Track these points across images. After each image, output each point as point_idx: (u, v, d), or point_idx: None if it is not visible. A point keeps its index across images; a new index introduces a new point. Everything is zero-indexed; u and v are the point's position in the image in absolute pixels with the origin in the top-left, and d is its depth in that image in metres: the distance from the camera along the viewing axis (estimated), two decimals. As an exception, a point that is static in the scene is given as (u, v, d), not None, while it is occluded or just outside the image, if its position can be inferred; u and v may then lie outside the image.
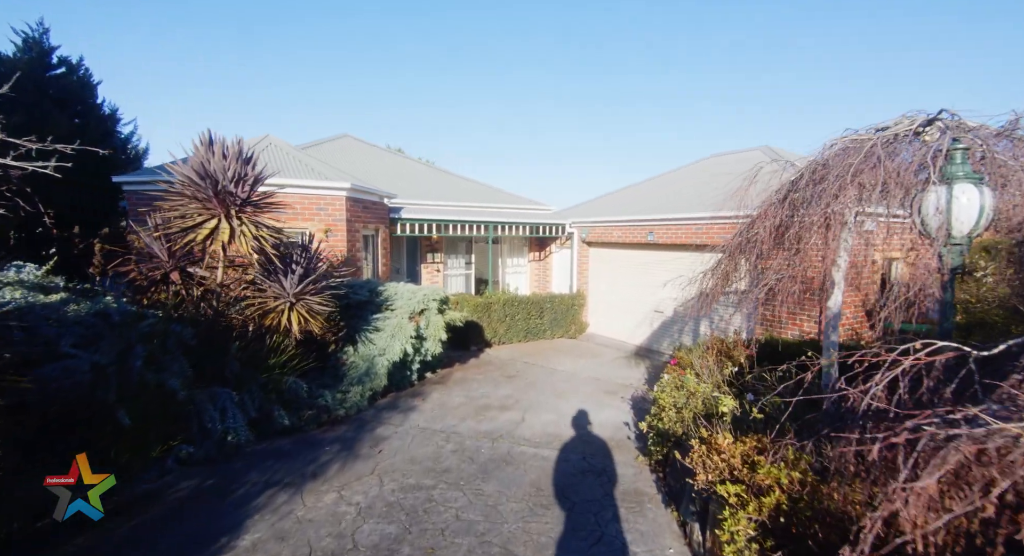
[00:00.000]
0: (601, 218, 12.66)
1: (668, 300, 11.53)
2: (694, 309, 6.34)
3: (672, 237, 11.04)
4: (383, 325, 7.54)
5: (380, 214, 10.90)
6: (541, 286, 15.25)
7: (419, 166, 15.77)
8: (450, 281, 14.04)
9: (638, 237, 11.84)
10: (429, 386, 8.19)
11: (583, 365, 10.19)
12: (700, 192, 12.07)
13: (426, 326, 8.05)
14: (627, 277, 12.48)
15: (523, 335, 12.12)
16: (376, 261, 11.01)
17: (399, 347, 7.34)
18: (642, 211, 12.01)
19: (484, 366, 9.80)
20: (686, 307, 11.82)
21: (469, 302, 11.22)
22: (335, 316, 7.88)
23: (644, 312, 12.06)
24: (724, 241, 10.02)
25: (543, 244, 15.21)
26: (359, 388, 6.85)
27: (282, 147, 10.29)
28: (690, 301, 11.46)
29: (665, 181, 14.30)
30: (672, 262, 11.46)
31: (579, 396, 7.98)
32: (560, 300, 12.64)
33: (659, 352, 11.46)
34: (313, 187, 9.23)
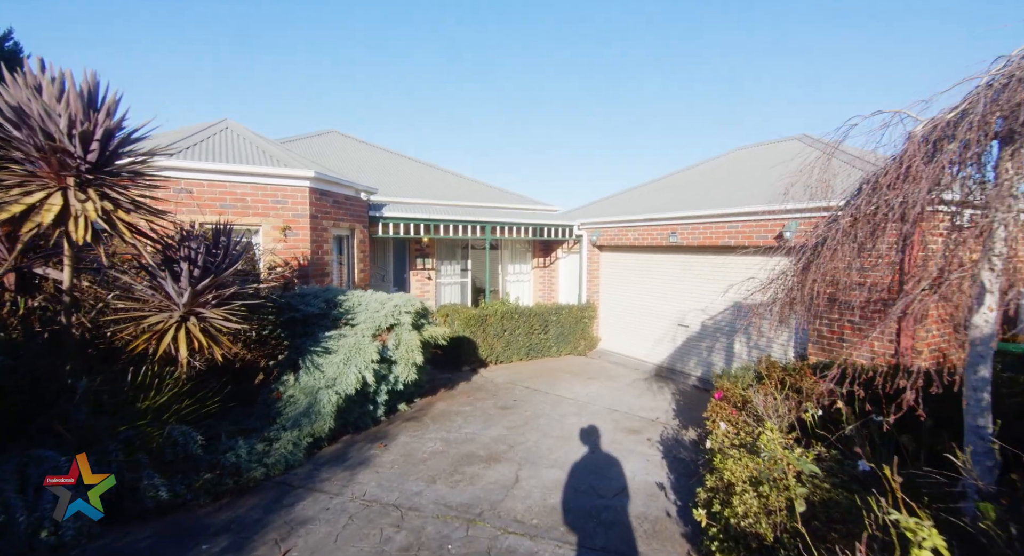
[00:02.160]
0: (614, 218, 10.61)
1: (694, 312, 9.43)
2: (772, 319, 4.28)
3: (700, 238, 8.96)
4: (336, 346, 5.52)
5: (357, 211, 8.94)
6: (546, 296, 13.19)
7: (411, 163, 13.83)
8: (443, 290, 12.02)
9: (658, 239, 9.78)
10: (399, 425, 6.11)
11: (596, 391, 8.09)
12: (731, 187, 10.00)
13: (396, 346, 6.01)
14: (644, 285, 10.40)
15: (524, 353, 10.04)
16: (351, 266, 9.03)
17: (354, 375, 5.31)
18: (662, 209, 9.94)
19: (475, 393, 7.72)
20: (717, 320, 9.71)
21: (460, 314, 9.18)
22: (276, 334, 5.87)
23: (665, 326, 9.95)
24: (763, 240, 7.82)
25: (548, 249, 13.18)
26: (292, 434, 4.81)
27: (239, 132, 8.41)
28: (723, 312, 9.35)
29: (687, 178, 12.23)
30: (700, 267, 9.37)
31: (593, 437, 5.88)
32: (567, 312, 10.57)
33: (684, 373, 9.32)
34: (267, 175, 7.29)
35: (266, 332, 5.75)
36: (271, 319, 5.82)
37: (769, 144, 11.82)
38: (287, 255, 7.56)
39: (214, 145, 7.66)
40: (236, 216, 7.16)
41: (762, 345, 8.33)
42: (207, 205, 7.00)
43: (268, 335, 5.68)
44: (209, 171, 6.92)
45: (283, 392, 5.21)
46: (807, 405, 4.31)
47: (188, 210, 6.88)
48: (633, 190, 12.82)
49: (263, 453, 4.48)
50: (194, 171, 6.85)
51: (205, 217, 6.98)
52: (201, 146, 7.50)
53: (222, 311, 4.01)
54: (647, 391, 8.28)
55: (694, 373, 9.21)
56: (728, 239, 8.51)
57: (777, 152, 11.19)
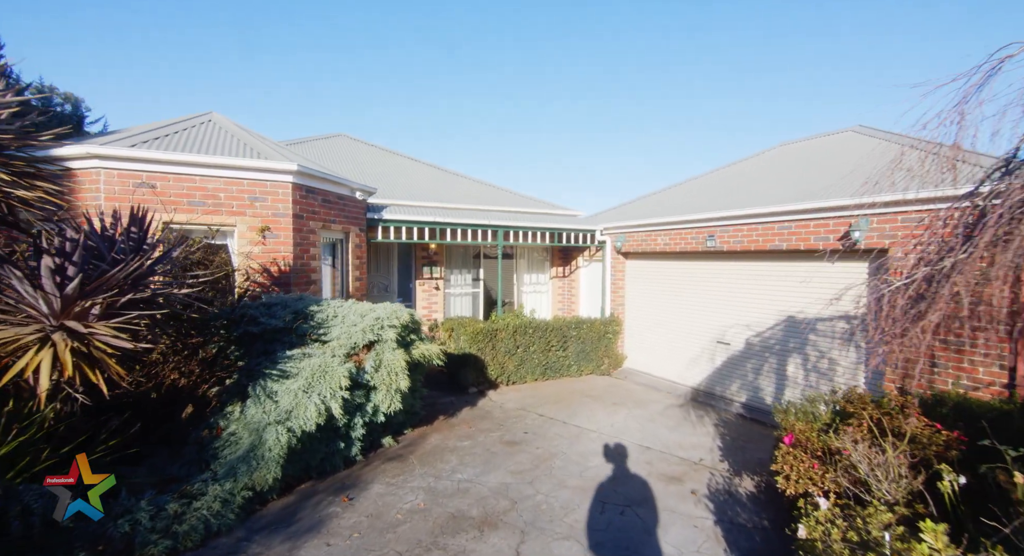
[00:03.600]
0: (642, 221, 9.23)
1: (736, 327, 7.94)
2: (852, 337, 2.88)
3: (743, 241, 7.52)
4: (296, 368, 4.30)
5: (352, 213, 7.82)
6: (566, 308, 11.83)
7: (419, 166, 12.69)
8: (453, 301, 10.78)
9: (692, 243, 8.36)
10: (377, 467, 4.80)
11: (623, 420, 6.67)
12: (779, 184, 8.54)
13: (375, 368, 4.76)
14: (677, 297, 8.95)
15: (540, 372, 8.68)
16: (345, 274, 7.88)
17: (315, 407, 4.07)
18: (698, 209, 8.54)
19: (479, 422, 6.40)
20: (764, 337, 8.19)
21: (466, 328, 7.90)
22: (229, 354, 4.69)
23: (702, 343, 8.47)
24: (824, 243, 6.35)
25: (568, 257, 11.84)
26: (224, 487, 3.58)
27: (223, 125, 7.40)
28: (772, 328, 7.83)
29: (724, 176, 10.77)
30: (743, 276, 7.90)
31: (622, 489, 4.49)
32: (589, 326, 9.19)
33: (726, 398, 7.81)
34: (242, 168, 6.21)
35: (215, 350, 4.58)
36: (223, 334, 4.65)
37: (818, 138, 10.31)
38: (265, 260, 6.44)
39: (190, 137, 6.64)
40: (207, 215, 6.09)
41: (822, 368, 6.80)
42: (173, 202, 5.94)
43: (218, 354, 4.51)
44: (174, 163, 5.87)
45: (224, 428, 4.00)
46: (941, 468, 2.86)
47: (151, 208, 5.84)
48: (663, 192, 11.42)
49: (175, 516, 3.24)
50: (157, 163, 5.81)
51: (172, 216, 5.94)
52: (174, 138, 6.49)
53: (111, 325, 2.85)
54: (684, 421, 6.81)
55: (737, 398, 7.70)
56: (778, 242, 7.05)
57: (829, 144, 9.67)
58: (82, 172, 5.75)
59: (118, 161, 5.67)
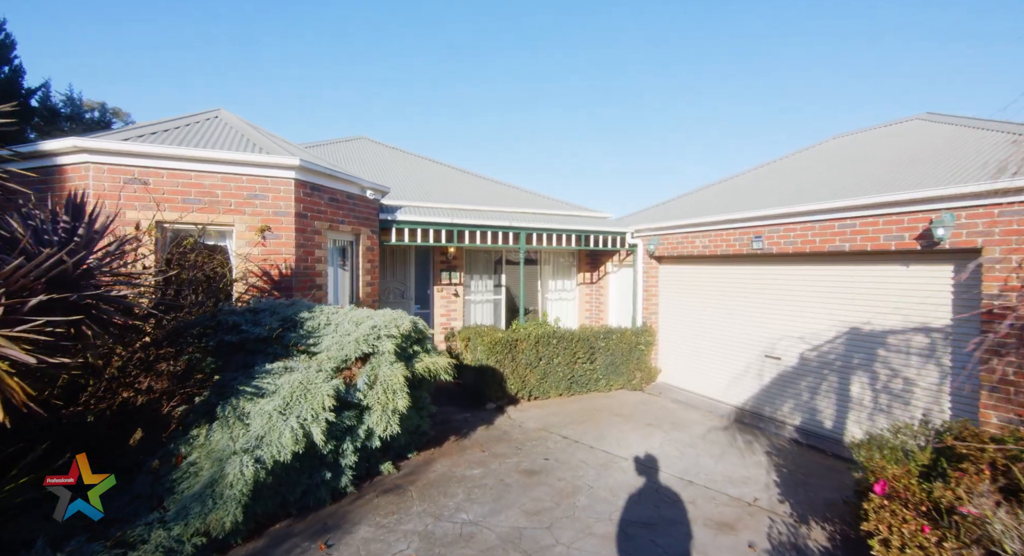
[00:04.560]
0: (677, 222, 8.31)
1: (788, 340, 6.91)
2: None
3: (796, 242, 6.53)
4: (274, 385, 3.63)
5: (363, 213, 7.21)
6: (594, 317, 10.93)
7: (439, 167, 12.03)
8: (473, 309, 10.05)
9: (735, 245, 7.40)
10: (369, 502, 4.02)
11: (659, 445, 5.75)
12: (837, 179, 7.51)
13: (370, 384, 4.05)
14: (717, 305, 7.97)
15: (565, 387, 7.83)
16: (355, 279, 7.26)
17: (291, 432, 3.38)
18: (742, 207, 7.59)
19: (495, 444, 5.61)
20: (822, 351, 7.09)
21: (484, 338, 7.14)
22: (205, 366, 4.06)
23: (747, 357, 7.46)
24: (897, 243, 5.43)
25: (596, 262, 10.97)
26: (170, 533, 2.89)
27: (229, 122, 6.93)
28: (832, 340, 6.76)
29: (771, 173, 9.72)
30: (796, 281, 6.88)
31: (664, 538, 3.61)
32: (619, 337, 8.29)
33: (776, 421, 6.78)
34: (240, 163, 5.67)
35: (190, 362, 3.96)
36: (199, 344, 4.03)
37: (878, 128, 9.18)
38: (265, 262, 5.87)
39: (191, 133, 6.15)
40: (203, 213, 5.55)
41: (895, 389, 5.73)
42: (166, 200, 5.43)
43: (191, 367, 3.88)
44: (167, 157, 5.36)
45: (186, 455, 3.34)
46: None
47: (142, 205, 5.36)
48: (700, 191, 10.44)
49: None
50: (148, 157, 5.31)
51: (164, 214, 5.44)
52: (174, 133, 6.02)
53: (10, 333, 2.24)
54: (730, 447, 5.84)
55: (790, 421, 6.66)
56: (839, 243, 6.04)
57: (893, 135, 8.54)
58: (71, 168, 5.31)
59: (107, 155, 5.20)
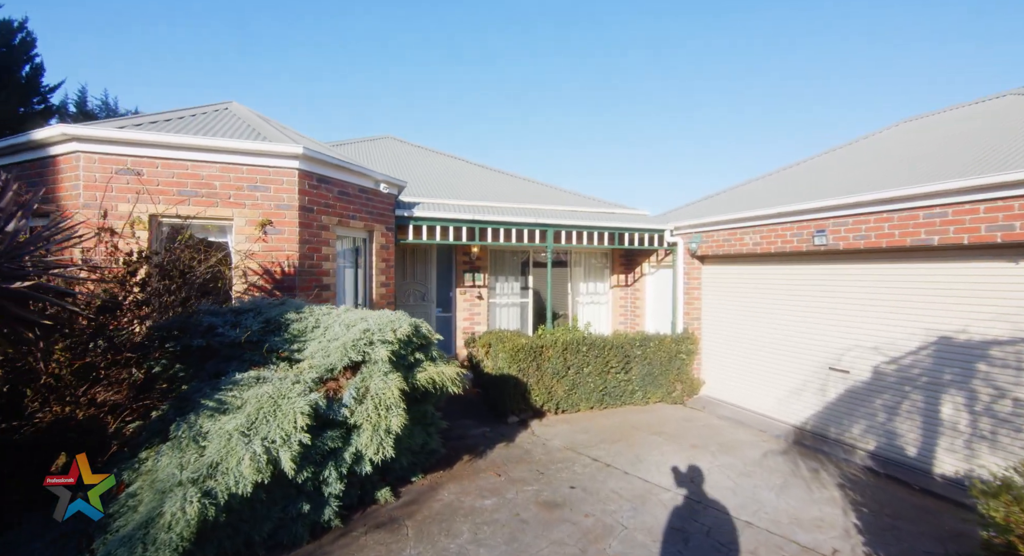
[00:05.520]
0: (724, 217, 7.35)
1: (859, 350, 5.85)
2: None
3: (868, 236, 5.50)
4: (240, 398, 3.01)
5: (377, 209, 6.64)
6: (629, 322, 10.02)
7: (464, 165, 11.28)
8: (498, 312, 9.33)
9: (793, 242, 6.40)
10: (354, 540, 3.28)
11: (708, 472, 4.84)
12: (920, 161, 6.42)
13: (357, 398, 3.39)
14: (770, 309, 6.96)
15: (597, 399, 6.98)
16: (368, 280, 6.67)
17: (251, 459, 2.73)
18: (801, 198, 6.59)
19: (513, 466, 4.85)
20: (903, 365, 5.86)
21: (506, 344, 6.40)
22: (172, 374, 3.50)
23: (807, 369, 6.42)
24: (1004, 234, 4.22)
25: (631, 262, 10.07)
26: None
27: (240, 115, 6.48)
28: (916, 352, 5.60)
29: (828, 162, 8.58)
30: (869, 282, 5.83)
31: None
32: (657, 344, 7.38)
33: (844, 444, 5.73)
34: (239, 152, 5.17)
35: (156, 370, 3.41)
36: (168, 349, 3.47)
37: (962, 107, 7.95)
38: (266, 260, 5.36)
39: (196, 124, 5.73)
40: (200, 206, 5.09)
41: (1001, 411, 4.63)
42: (161, 192, 4.99)
43: (152, 376, 3.33)
44: (161, 145, 4.91)
45: (128, 483, 2.76)
46: None
47: (135, 197, 4.92)
48: (747, 184, 9.39)
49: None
50: (141, 146, 4.87)
51: (158, 207, 4.99)
52: (177, 123, 5.60)
53: None
54: (793, 476, 4.87)
55: (862, 445, 5.60)
56: (925, 235, 5.00)
57: (977, 115, 7.34)
58: (63, 158, 4.93)
59: (97, 143, 4.79)
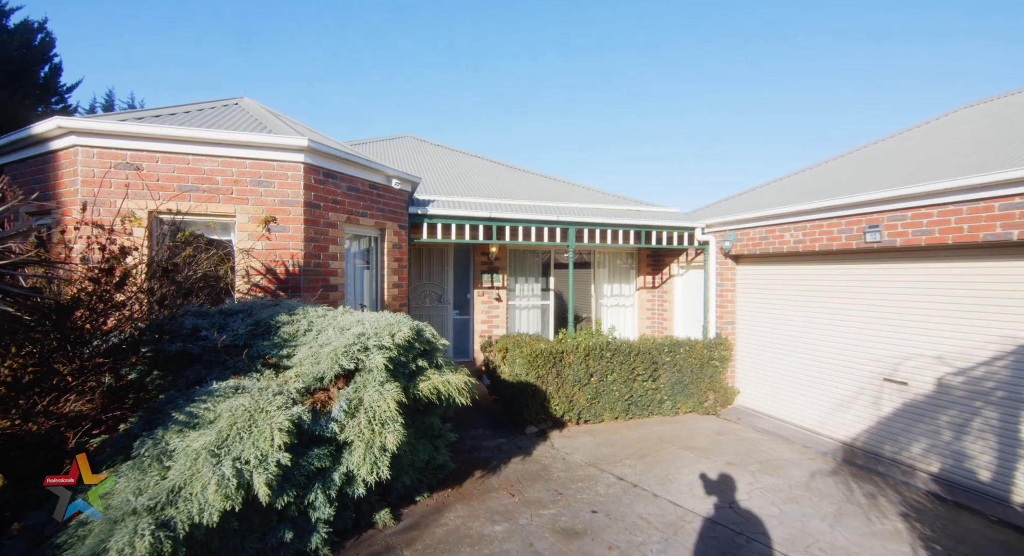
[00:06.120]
0: (761, 212, 6.72)
1: (919, 359, 5.16)
2: None
3: (931, 231, 4.83)
4: (214, 411, 2.66)
5: (388, 206, 6.29)
6: (657, 326, 9.43)
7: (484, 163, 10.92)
8: (517, 315, 8.88)
9: (841, 238, 5.75)
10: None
11: (748, 495, 4.27)
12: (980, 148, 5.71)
13: (349, 412, 2.99)
14: (814, 313, 6.30)
15: (622, 408, 6.45)
16: (380, 280, 6.32)
17: (217, 483, 2.36)
18: (850, 190, 5.94)
19: (528, 485, 4.38)
20: (973, 377, 4.93)
21: (524, 349, 5.95)
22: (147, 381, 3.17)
23: (857, 379, 5.75)
24: None
25: (659, 263, 9.48)
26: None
27: (250, 110, 6.22)
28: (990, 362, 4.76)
29: (877, 152, 7.84)
30: (930, 283, 5.16)
31: None
32: (688, 350, 6.80)
33: (901, 464, 5.05)
34: (241, 145, 4.87)
35: (132, 376, 3.09)
36: (145, 354, 3.14)
37: None
38: (269, 258, 5.05)
39: (202, 118, 5.50)
40: (201, 202, 4.82)
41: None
42: (160, 187, 4.74)
43: (124, 385, 3.00)
44: (160, 138, 4.66)
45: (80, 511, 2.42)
46: None
47: (134, 193, 4.68)
48: (785, 178, 8.70)
49: None
50: (140, 139, 4.63)
51: (159, 203, 4.74)
52: (182, 118, 5.37)
53: None
54: (847, 503, 4.25)
55: (923, 466, 4.92)
56: (1001, 229, 4.33)
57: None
58: (63, 153, 4.73)
59: (95, 137, 4.56)
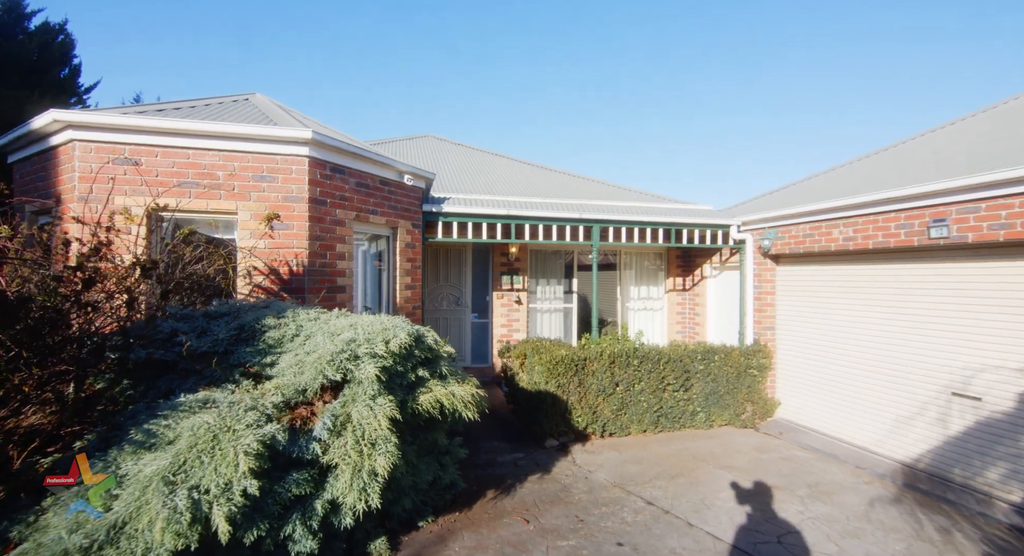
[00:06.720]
0: (804, 208, 6.08)
1: (996, 371, 4.42)
2: None
3: (1014, 226, 4.16)
4: (175, 429, 2.31)
5: (401, 203, 5.94)
6: (688, 332, 8.81)
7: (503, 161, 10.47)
8: (539, 319, 8.41)
9: (900, 234, 5.08)
10: None
11: (798, 525, 3.69)
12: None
13: (333, 430, 2.60)
14: (866, 318, 5.62)
15: (651, 421, 5.90)
16: (391, 281, 5.96)
17: (166, 518, 1.99)
18: (909, 181, 5.27)
19: (546, 510, 3.92)
20: None
21: (543, 356, 5.48)
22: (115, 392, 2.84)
23: (920, 393, 5.06)
24: None
25: (690, 264, 8.86)
26: None
27: (261, 106, 5.99)
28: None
29: (938, 139, 7.06)
30: (1008, 285, 4.49)
31: None
32: (723, 358, 6.21)
33: (975, 490, 4.36)
34: (243, 138, 4.59)
35: (100, 385, 2.76)
36: (113, 361, 2.82)
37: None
38: (272, 258, 4.74)
39: (209, 113, 5.26)
40: (201, 198, 4.55)
41: None
42: (159, 182, 4.48)
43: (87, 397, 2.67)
44: (159, 131, 4.41)
45: (17, 541, 2.08)
46: None
47: (132, 189, 4.44)
48: (829, 172, 7.97)
49: None
50: (138, 132, 4.38)
51: (158, 200, 4.48)
52: (187, 112, 5.14)
53: None
54: (917, 539, 3.62)
55: (1002, 494, 4.22)
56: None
57: None
58: (62, 149, 4.53)
59: (91, 130, 4.34)
